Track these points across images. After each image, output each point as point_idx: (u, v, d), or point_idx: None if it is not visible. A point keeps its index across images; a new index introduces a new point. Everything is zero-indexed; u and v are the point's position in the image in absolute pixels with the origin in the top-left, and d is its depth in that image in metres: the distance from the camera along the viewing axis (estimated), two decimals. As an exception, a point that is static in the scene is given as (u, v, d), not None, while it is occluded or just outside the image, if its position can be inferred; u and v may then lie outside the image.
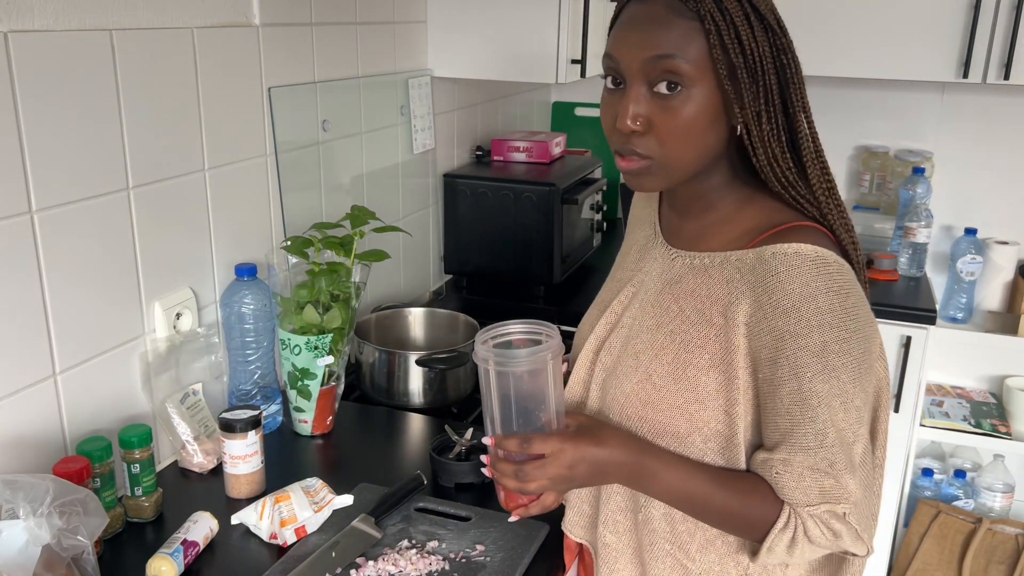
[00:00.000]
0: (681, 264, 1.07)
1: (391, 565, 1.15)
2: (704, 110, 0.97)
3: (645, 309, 1.09)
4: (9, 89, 1.09)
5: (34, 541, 0.96)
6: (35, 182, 1.14)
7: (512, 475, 1.01)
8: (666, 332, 1.04)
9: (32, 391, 1.18)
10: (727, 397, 1.01)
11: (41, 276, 1.17)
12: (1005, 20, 2.23)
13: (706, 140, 0.99)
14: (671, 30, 0.95)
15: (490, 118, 2.57)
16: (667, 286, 1.07)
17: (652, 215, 1.18)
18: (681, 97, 0.96)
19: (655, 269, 1.11)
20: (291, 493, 1.24)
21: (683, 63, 0.94)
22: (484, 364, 1.02)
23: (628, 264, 1.18)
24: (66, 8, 1.17)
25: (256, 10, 1.53)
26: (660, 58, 0.95)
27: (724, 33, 0.94)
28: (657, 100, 0.97)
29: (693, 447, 1.02)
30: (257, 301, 1.46)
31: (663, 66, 0.95)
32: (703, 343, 1.01)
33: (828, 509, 0.95)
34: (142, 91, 1.29)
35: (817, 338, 0.94)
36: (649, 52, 0.96)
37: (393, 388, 1.68)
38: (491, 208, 2.23)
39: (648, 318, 1.07)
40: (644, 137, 0.98)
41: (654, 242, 1.14)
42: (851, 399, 0.95)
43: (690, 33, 0.95)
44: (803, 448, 0.95)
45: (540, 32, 2.06)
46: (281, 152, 1.63)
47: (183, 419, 1.38)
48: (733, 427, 1.01)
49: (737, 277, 1.00)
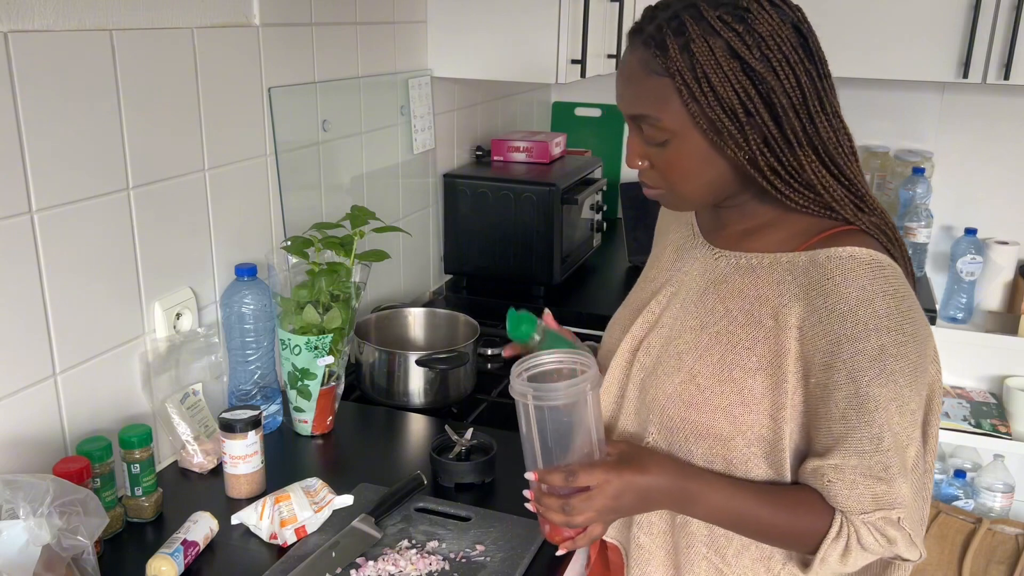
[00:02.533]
0: (725, 264, 1.06)
1: (391, 565, 1.15)
2: (694, 155, 0.98)
3: (687, 309, 1.08)
4: (9, 89, 1.09)
5: (34, 541, 0.96)
6: (35, 182, 1.14)
7: (559, 509, 0.99)
8: (711, 333, 1.03)
9: (32, 391, 1.18)
10: (773, 401, 0.99)
11: (41, 276, 1.17)
12: (1005, 20, 2.23)
13: (707, 176, 1.00)
14: (646, 89, 0.97)
15: (490, 118, 2.57)
16: (711, 286, 1.06)
17: (688, 216, 1.18)
18: (670, 147, 0.99)
19: (696, 269, 1.10)
20: (291, 493, 1.24)
21: (663, 121, 0.97)
22: (522, 399, 1.00)
23: (664, 264, 1.17)
24: (66, 8, 1.17)
25: (256, 10, 1.53)
26: (638, 117, 0.99)
27: (695, 89, 0.94)
28: (651, 145, 1.00)
29: (736, 451, 1.01)
30: (257, 301, 1.46)
31: (642, 121, 0.99)
32: (751, 345, 1.00)
33: (883, 516, 0.94)
34: (142, 91, 1.29)
35: (875, 342, 0.93)
36: (630, 110, 1.00)
37: (393, 388, 1.68)
38: (491, 208, 2.23)
39: (691, 318, 1.06)
40: (651, 172, 1.03)
41: (693, 242, 1.13)
42: (907, 403, 0.94)
43: (663, 91, 0.96)
44: (858, 452, 0.94)
45: (540, 32, 2.06)
46: (281, 152, 1.63)
47: (183, 419, 1.38)
48: (778, 431, 0.99)
49: (788, 279, 0.99)
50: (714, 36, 0.93)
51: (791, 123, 0.95)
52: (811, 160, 0.98)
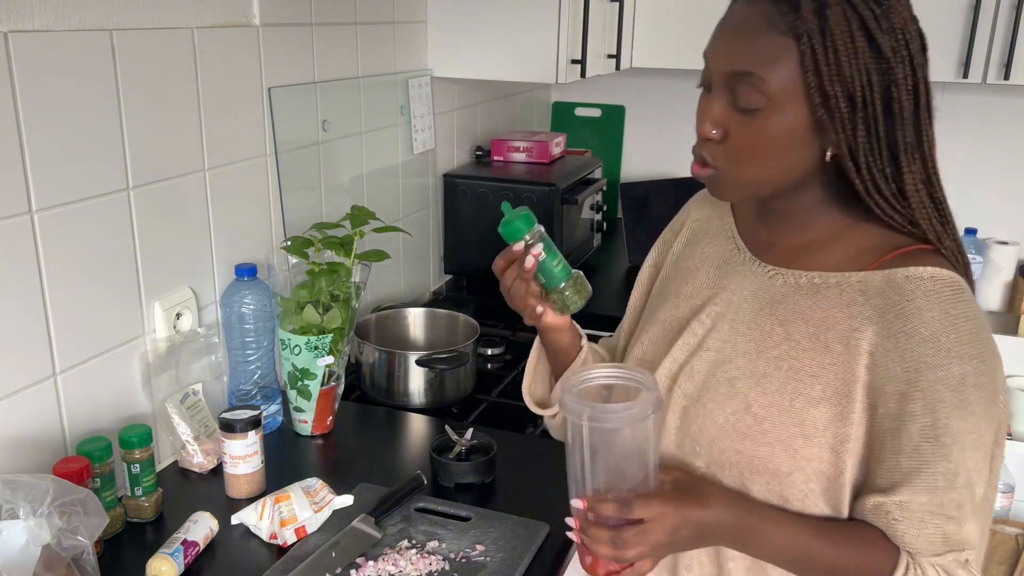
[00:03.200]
0: (783, 283, 0.98)
1: (391, 565, 1.15)
2: (787, 133, 0.88)
3: (738, 331, 0.99)
4: (9, 89, 1.09)
5: (34, 541, 0.96)
6: (35, 182, 1.14)
7: (608, 542, 0.89)
8: (769, 358, 0.95)
9: (32, 391, 1.18)
10: (836, 433, 0.91)
11: (41, 276, 1.17)
12: (1005, 20, 2.23)
13: (786, 162, 0.91)
14: (761, 45, 0.86)
15: (490, 118, 2.57)
16: (766, 307, 0.98)
17: (727, 227, 1.09)
18: (762, 116, 0.88)
19: (746, 288, 1.01)
20: (291, 493, 1.24)
21: (768, 84, 0.86)
22: (577, 419, 0.90)
23: (704, 281, 1.07)
24: (66, 8, 1.17)
25: (256, 10, 1.53)
26: (740, 75, 0.88)
27: (821, 58, 0.85)
28: (736, 113, 0.90)
29: (794, 487, 0.93)
30: (257, 301, 1.46)
31: (743, 83, 0.88)
32: (816, 372, 0.92)
33: (953, 558, 0.88)
34: (142, 91, 1.29)
35: (956, 370, 0.86)
36: (730, 65, 0.89)
37: (393, 388, 1.68)
38: (491, 208, 2.23)
39: (744, 341, 0.98)
40: (718, 146, 0.92)
41: (739, 257, 1.04)
42: (982, 435, 0.88)
43: (782, 52, 0.86)
44: (930, 489, 0.87)
45: (540, 32, 2.06)
46: (281, 152, 1.63)
47: (183, 419, 1.38)
48: (840, 466, 0.91)
49: (860, 300, 0.91)
50: (852, 9, 0.85)
51: (903, 124, 0.88)
52: (914, 169, 0.91)
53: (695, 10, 2.40)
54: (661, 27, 2.47)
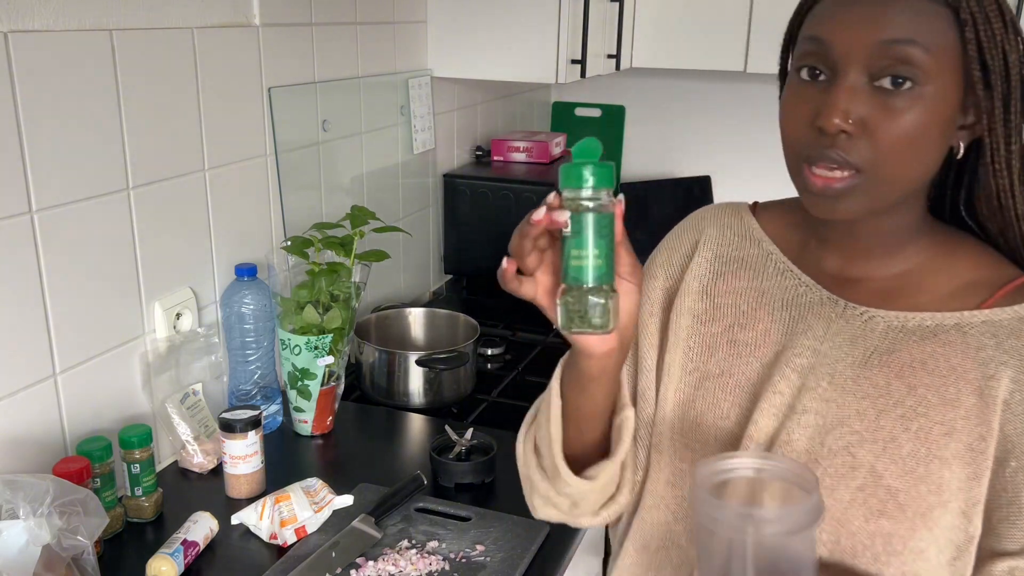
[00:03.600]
0: (886, 327, 0.84)
1: (391, 565, 1.15)
2: (936, 116, 0.76)
3: (844, 388, 0.84)
4: (9, 89, 1.09)
5: (34, 541, 0.96)
6: (35, 182, 1.14)
7: None
8: (893, 418, 0.81)
9: (32, 391, 1.18)
10: (968, 495, 0.80)
11: (41, 276, 1.17)
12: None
13: (929, 155, 0.79)
14: (913, 9, 0.75)
15: (490, 118, 2.57)
16: (874, 357, 0.83)
17: (769, 255, 0.93)
18: (910, 95, 0.75)
19: (837, 334, 0.85)
20: (291, 493, 1.24)
21: (923, 52, 0.74)
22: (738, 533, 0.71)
23: (766, 325, 0.90)
24: (66, 8, 1.17)
25: (256, 10, 1.53)
26: (894, 43, 0.75)
27: (982, 28, 0.75)
28: (878, 96, 0.76)
29: (927, 562, 0.81)
30: (257, 301, 1.46)
31: (896, 53, 0.75)
32: (948, 430, 0.80)
33: None
34: (142, 91, 1.29)
35: None
36: (881, 34, 0.75)
37: (393, 388, 1.68)
38: (491, 208, 2.23)
39: (855, 400, 0.83)
40: (855, 141, 0.76)
41: (811, 296, 0.88)
42: None
43: (936, 19, 0.76)
44: None
45: (540, 32, 2.06)
46: (281, 152, 1.63)
47: (183, 419, 1.38)
48: (971, 531, 0.81)
49: (990, 344, 0.80)
50: None
51: None
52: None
53: (695, 10, 2.41)
54: (661, 27, 2.47)
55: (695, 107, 2.90)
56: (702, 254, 0.96)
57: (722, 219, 0.98)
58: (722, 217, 0.98)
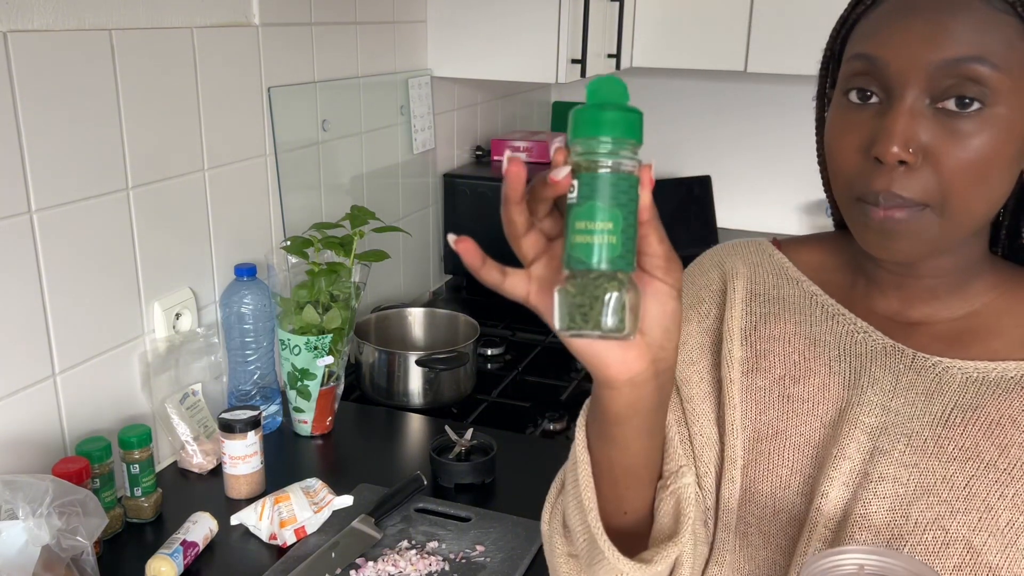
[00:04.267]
0: (964, 380, 0.74)
1: (391, 566, 1.15)
2: (1008, 140, 0.67)
3: (925, 451, 0.73)
4: (9, 89, 1.09)
5: (33, 541, 0.96)
6: (35, 182, 1.14)
7: None
8: (986, 484, 0.71)
9: (32, 391, 1.18)
10: None
11: (41, 276, 1.17)
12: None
13: (1002, 184, 0.70)
14: (980, 23, 0.66)
15: (490, 118, 2.57)
16: (956, 414, 0.73)
17: (813, 297, 0.82)
18: (979, 118, 0.66)
19: (910, 389, 0.75)
20: (291, 494, 1.23)
21: (992, 69, 0.65)
22: None
23: (823, 379, 0.78)
24: (66, 8, 1.16)
25: (256, 10, 1.53)
26: (962, 61, 0.65)
27: None
28: (942, 120, 0.66)
29: None
30: (257, 301, 1.46)
31: (964, 72, 0.65)
32: None
33: None
34: (142, 91, 1.29)
35: None
36: (944, 52, 0.66)
37: (393, 388, 1.68)
38: (491, 208, 2.21)
39: (940, 465, 0.72)
40: (917, 173, 0.67)
41: (872, 343, 0.77)
42: None
43: (1004, 30, 0.66)
44: None
45: (540, 32, 2.06)
46: (281, 152, 1.63)
47: (183, 419, 1.38)
48: None
49: None
50: None
51: None
52: None
53: (695, 10, 2.41)
54: (661, 27, 2.47)
55: (695, 107, 2.90)
56: (735, 293, 0.83)
57: (746, 256, 0.86)
58: (746, 254, 0.86)
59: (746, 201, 2.87)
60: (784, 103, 2.77)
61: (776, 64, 2.37)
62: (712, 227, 2.66)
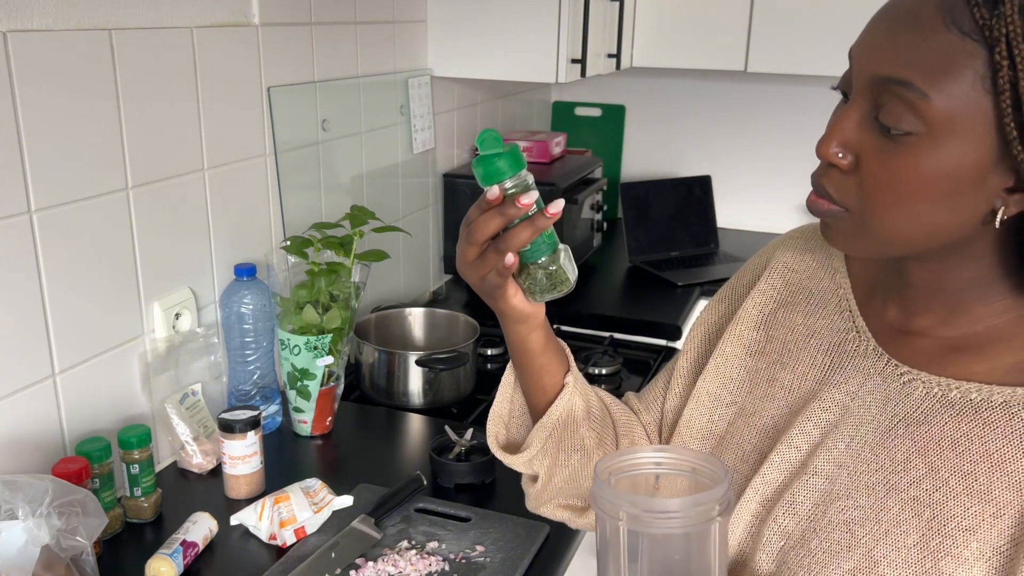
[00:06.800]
0: (924, 394, 0.72)
1: (391, 566, 1.15)
2: (940, 173, 0.64)
3: (860, 455, 0.74)
4: (9, 89, 1.09)
5: (33, 542, 0.96)
6: (34, 182, 1.14)
7: None
8: (904, 500, 0.70)
9: (31, 391, 1.18)
10: None
11: (40, 276, 1.17)
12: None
13: (937, 215, 0.66)
14: (931, 46, 0.62)
15: (490, 118, 2.57)
16: (901, 426, 0.73)
17: (840, 293, 0.83)
18: (905, 142, 0.64)
19: (871, 393, 0.76)
20: (291, 494, 1.23)
21: (931, 104, 0.62)
22: (614, 519, 0.67)
23: (806, 367, 0.82)
24: (65, 8, 1.16)
25: (256, 10, 1.52)
26: (892, 82, 0.64)
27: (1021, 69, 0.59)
28: (876, 134, 0.66)
29: None
30: (256, 301, 1.46)
31: (897, 95, 0.63)
32: (972, 526, 0.67)
33: None
34: (142, 91, 1.29)
35: None
36: (880, 68, 0.65)
37: (393, 388, 1.68)
38: (491, 208, 2.22)
39: (869, 471, 0.73)
40: (846, 177, 0.68)
41: (857, 344, 0.79)
42: None
43: (960, 59, 0.61)
44: None
45: (540, 32, 2.06)
46: (281, 152, 1.63)
47: (182, 419, 1.38)
48: None
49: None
50: None
51: None
52: None
53: (695, 10, 2.41)
54: (661, 27, 2.47)
55: (695, 107, 2.90)
56: (770, 282, 0.89)
57: (801, 243, 0.90)
58: (801, 241, 0.90)
59: (746, 201, 2.87)
60: (784, 103, 2.76)
61: (776, 64, 2.37)
62: (712, 227, 2.66)
